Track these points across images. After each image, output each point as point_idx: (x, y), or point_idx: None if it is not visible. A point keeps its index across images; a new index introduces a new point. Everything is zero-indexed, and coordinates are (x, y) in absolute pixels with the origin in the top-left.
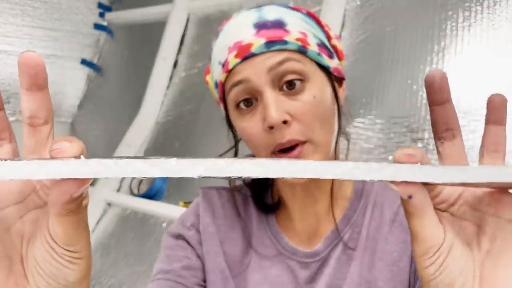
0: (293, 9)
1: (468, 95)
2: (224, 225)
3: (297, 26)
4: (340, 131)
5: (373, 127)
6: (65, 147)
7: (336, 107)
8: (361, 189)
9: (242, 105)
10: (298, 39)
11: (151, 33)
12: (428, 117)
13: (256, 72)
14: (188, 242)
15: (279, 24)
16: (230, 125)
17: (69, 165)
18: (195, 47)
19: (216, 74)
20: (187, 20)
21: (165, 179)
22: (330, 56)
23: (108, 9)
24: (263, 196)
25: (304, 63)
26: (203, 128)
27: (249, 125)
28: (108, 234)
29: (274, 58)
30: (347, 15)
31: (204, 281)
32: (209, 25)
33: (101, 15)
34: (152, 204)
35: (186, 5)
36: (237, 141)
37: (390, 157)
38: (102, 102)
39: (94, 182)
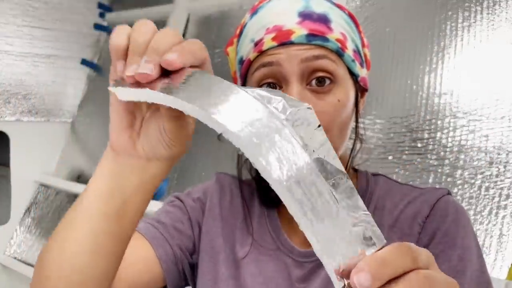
0: (337, 6)
1: (467, 95)
2: (228, 210)
3: (339, 26)
4: (357, 139)
5: (373, 127)
6: (173, 60)
7: (354, 116)
8: (364, 190)
9: (263, 87)
10: (338, 40)
11: None
12: (428, 117)
13: (290, 59)
14: (187, 211)
15: (324, 19)
16: None
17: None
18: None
19: (245, 51)
20: (187, 20)
21: (165, 180)
22: (361, 65)
23: (108, 9)
24: (267, 190)
25: (338, 65)
26: (203, 128)
27: None
28: None
29: (312, 51)
30: None
31: (187, 249)
32: (209, 25)
33: (101, 15)
34: (152, 204)
35: (186, 5)
36: None
37: (390, 157)
38: (103, 102)
39: None
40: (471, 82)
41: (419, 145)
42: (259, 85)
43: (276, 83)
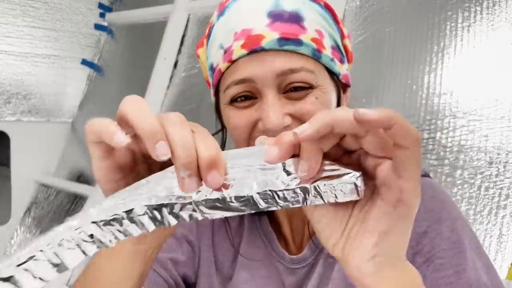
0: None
1: (467, 95)
2: (218, 220)
3: (313, 23)
4: None
5: None
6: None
7: None
8: None
9: (238, 99)
10: (313, 40)
11: (152, 34)
12: (428, 117)
13: (264, 74)
14: (184, 235)
15: (296, 18)
16: (219, 112)
17: None
18: (196, 48)
19: (215, 57)
20: (188, 21)
21: None
22: (342, 61)
23: (108, 9)
24: None
25: (316, 73)
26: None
27: (240, 118)
28: None
29: (287, 63)
30: (346, 16)
31: (185, 276)
32: None
33: (102, 15)
34: None
35: (187, 5)
36: (224, 127)
37: None
38: (103, 102)
39: (94, 182)
40: (471, 82)
41: None
42: (234, 99)
43: (250, 95)
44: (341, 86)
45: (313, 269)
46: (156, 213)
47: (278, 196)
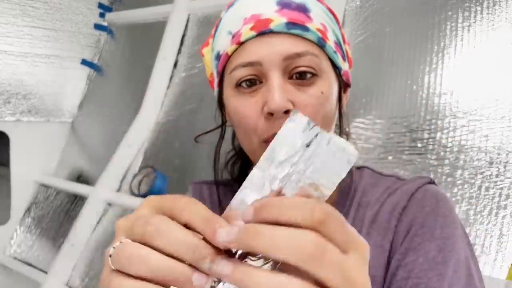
0: None
1: (467, 95)
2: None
3: (319, 16)
4: (342, 134)
5: (373, 127)
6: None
7: (337, 111)
8: (348, 186)
9: (243, 84)
10: (318, 30)
11: (152, 33)
12: (428, 117)
13: (271, 57)
14: None
15: (303, 8)
16: (221, 104)
17: None
18: (196, 47)
19: (222, 44)
20: (187, 20)
21: (165, 179)
22: (343, 58)
23: (108, 9)
24: None
25: (321, 59)
26: (203, 128)
27: (246, 105)
28: (108, 234)
29: (293, 47)
30: (346, 15)
31: None
32: (209, 25)
33: (102, 15)
34: None
35: (187, 5)
36: (224, 122)
37: (390, 157)
38: (103, 102)
39: (93, 182)
40: (471, 82)
41: (419, 145)
42: (239, 83)
43: (256, 79)
44: (342, 85)
45: None
46: None
47: None
